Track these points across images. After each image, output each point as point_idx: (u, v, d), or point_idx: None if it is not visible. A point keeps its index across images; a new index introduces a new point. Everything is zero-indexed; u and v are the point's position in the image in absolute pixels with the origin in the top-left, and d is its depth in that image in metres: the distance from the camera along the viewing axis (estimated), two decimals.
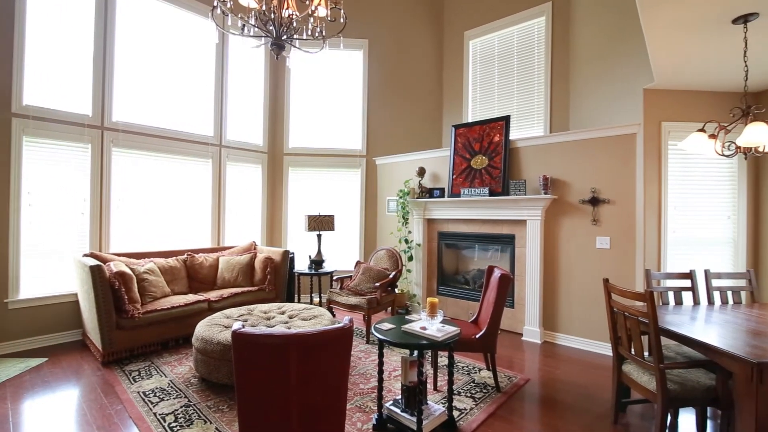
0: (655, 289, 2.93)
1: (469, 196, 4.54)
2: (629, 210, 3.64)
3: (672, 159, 3.67)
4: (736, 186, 3.74)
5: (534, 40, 5.06)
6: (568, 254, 4.00)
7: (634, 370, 2.38)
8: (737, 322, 2.34)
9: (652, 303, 2.11)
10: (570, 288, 3.99)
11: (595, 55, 4.29)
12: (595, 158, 3.85)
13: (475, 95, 5.68)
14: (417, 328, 2.38)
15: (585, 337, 3.89)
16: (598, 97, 4.23)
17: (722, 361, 1.94)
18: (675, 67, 3.20)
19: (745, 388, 1.82)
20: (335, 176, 5.87)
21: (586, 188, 3.88)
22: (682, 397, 2.16)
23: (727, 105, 3.68)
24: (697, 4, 2.30)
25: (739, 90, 3.58)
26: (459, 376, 3.22)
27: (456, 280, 5.08)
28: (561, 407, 2.76)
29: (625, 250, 3.65)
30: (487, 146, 4.62)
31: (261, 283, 4.52)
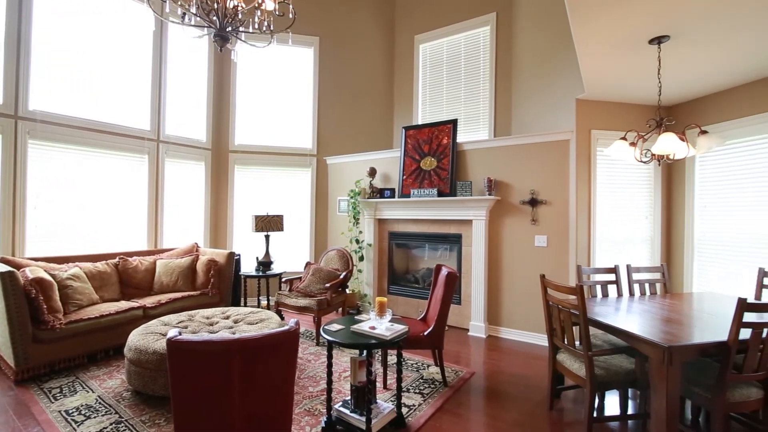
0: (585, 283, 3.19)
1: (419, 196, 4.64)
2: (564, 210, 3.93)
3: (600, 164, 4.01)
4: (652, 189, 4.18)
5: (480, 47, 5.29)
6: (511, 252, 4.24)
7: (567, 359, 2.57)
8: (653, 311, 2.61)
9: (581, 296, 2.29)
10: (512, 284, 4.22)
11: (535, 65, 4.58)
12: (534, 162, 4.10)
13: (425, 98, 5.82)
14: (366, 328, 2.39)
15: (526, 330, 4.14)
16: (538, 104, 4.52)
17: (640, 347, 2.16)
18: (602, 81, 3.51)
19: (658, 370, 2.04)
20: (285, 175, 5.72)
21: (526, 190, 4.13)
22: (607, 380, 2.37)
23: (645, 116, 4.10)
24: (618, 25, 2.54)
25: (655, 103, 4.01)
26: (408, 373, 3.28)
27: (406, 279, 5.16)
28: (503, 397, 2.91)
29: (561, 247, 3.94)
30: (436, 148, 4.75)
31: (204, 287, 4.28)
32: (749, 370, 2.07)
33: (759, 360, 2.06)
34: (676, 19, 2.46)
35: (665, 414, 2.01)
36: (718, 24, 2.49)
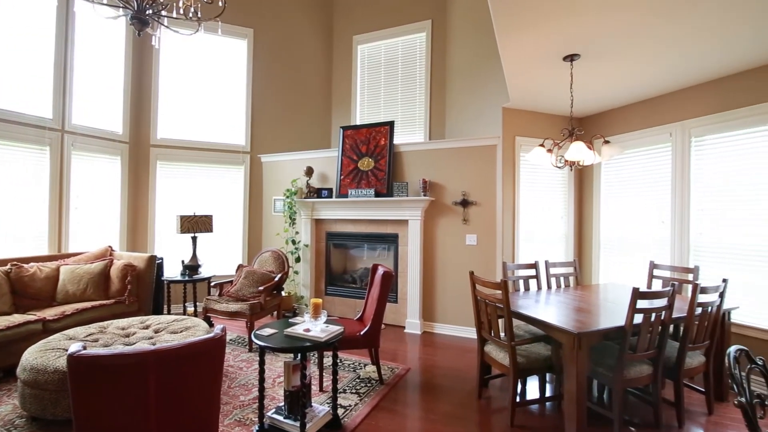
0: (509, 278, 3.43)
1: (357, 196, 4.64)
2: (491, 211, 4.20)
3: (523, 168, 4.34)
4: (567, 192, 4.62)
5: (416, 53, 5.44)
6: (444, 251, 4.42)
7: (494, 350, 2.74)
8: (566, 302, 2.89)
9: (505, 291, 2.46)
10: (445, 281, 4.41)
11: (467, 73, 4.83)
12: (466, 165, 4.33)
13: (363, 98, 5.84)
14: (300, 330, 2.33)
15: (458, 324, 4.34)
16: (469, 110, 4.77)
17: (555, 334, 2.37)
18: (525, 91, 3.80)
19: (569, 355, 2.26)
20: (215, 173, 5.39)
21: (458, 191, 4.34)
22: (528, 367, 2.58)
23: (561, 126, 4.53)
24: (537, 42, 2.78)
25: (568, 114, 4.43)
26: (345, 373, 3.27)
27: (344, 279, 5.14)
28: (436, 390, 3.02)
29: (489, 245, 4.20)
30: (374, 149, 4.79)
31: (119, 295, 3.88)
32: (641, 349, 2.37)
33: (649, 341, 2.38)
34: (584, 41, 2.75)
35: (575, 393, 2.23)
36: (617, 49, 2.83)
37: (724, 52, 2.86)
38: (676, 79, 3.41)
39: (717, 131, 3.38)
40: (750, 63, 3.04)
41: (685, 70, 3.22)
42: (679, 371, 2.53)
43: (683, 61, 3.04)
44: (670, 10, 2.33)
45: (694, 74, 3.30)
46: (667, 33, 2.60)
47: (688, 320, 2.47)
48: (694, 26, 2.50)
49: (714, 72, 3.24)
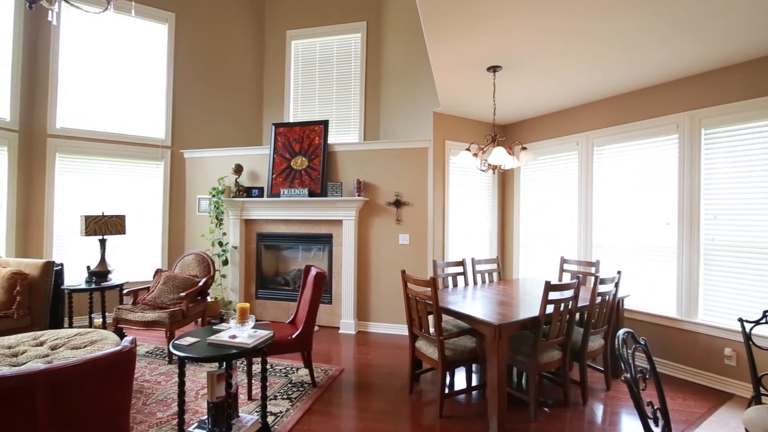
0: (439, 276, 3.58)
1: (289, 196, 4.52)
2: (423, 211, 4.34)
3: (452, 170, 4.56)
4: (491, 193, 4.95)
5: (351, 53, 5.44)
6: (378, 250, 4.48)
7: (424, 345, 2.84)
8: (490, 296, 3.09)
9: (434, 288, 2.56)
10: (379, 281, 4.47)
11: (400, 76, 4.94)
12: (399, 166, 4.43)
13: (296, 95, 5.69)
14: (225, 337, 2.20)
15: (392, 322, 4.43)
16: (403, 112, 4.89)
17: (479, 327, 2.53)
18: (453, 97, 4.00)
19: (491, 345, 2.42)
20: (129, 169, 4.88)
21: (392, 192, 4.43)
22: (455, 360, 2.71)
23: (486, 131, 4.84)
24: (464, 52, 2.94)
25: (491, 121, 4.75)
26: (276, 379, 3.16)
27: (276, 282, 4.97)
28: (370, 389, 3.05)
29: (421, 244, 4.34)
30: (307, 148, 4.70)
31: (6, 308, 3.33)
32: (553, 336, 2.62)
33: (559, 328, 2.64)
34: (505, 55, 2.96)
35: (497, 381, 2.39)
36: (532, 65, 3.10)
37: (619, 74, 3.27)
38: (582, 95, 3.82)
39: (614, 142, 3.86)
40: (639, 84, 3.52)
41: (588, 88, 3.63)
42: (584, 354, 2.84)
43: (587, 80, 3.43)
44: (575, 36, 2.61)
45: (595, 92, 3.73)
46: (572, 55, 2.91)
47: (590, 308, 2.78)
48: (592, 53, 2.83)
49: (611, 90, 3.69)
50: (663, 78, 3.37)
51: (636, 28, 2.54)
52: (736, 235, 3.05)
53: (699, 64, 3.07)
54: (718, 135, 3.16)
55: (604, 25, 2.51)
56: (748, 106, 2.97)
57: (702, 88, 3.24)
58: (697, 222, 3.25)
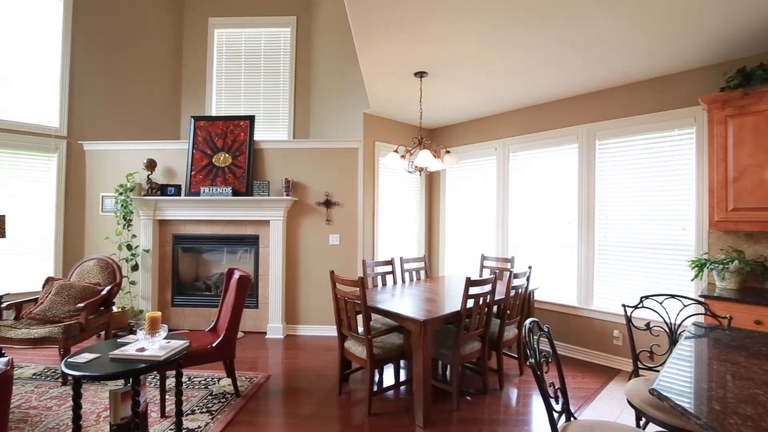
0: (369, 275, 3.62)
1: (211, 195, 4.23)
2: (353, 211, 4.36)
3: (382, 171, 4.64)
4: (419, 194, 5.14)
5: (280, 48, 5.26)
6: (307, 251, 4.39)
7: (353, 345, 2.85)
8: (417, 294, 3.20)
9: (363, 287, 2.58)
10: (309, 282, 4.38)
11: (331, 75, 4.89)
12: (329, 166, 4.39)
13: (220, 88, 5.34)
14: (132, 351, 1.99)
15: (322, 324, 4.37)
16: (333, 112, 4.85)
17: (406, 324, 2.60)
18: (383, 100, 4.07)
19: (417, 341, 2.50)
20: (11, 161, 4.18)
21: (322, 192, 4.37)
22: (384, 357, 2.76)
23: (413, 134, 5.01)
24: (392, 55, 3.01)
25: (418, 124, 4.91)
26: (194, 392, 2.93)
27: (196, 287, 4.62)
28: (298, 393, 2.97)
29: (351, 244, 4.35)
30: (231, 144, 4.44)
31: None
32: (473, 329, 2.80)
33: (478, 321, 2.82)
34: (431, 62, 3.10)
35: (422, 375, 2.49)
36: (455, 74, 3.28)
37: (530, 87, 3.60)
38: (500, 104, 4.14)
39: (527, 149, 4.24)
40: (548, 98, 3.91)
41: (505, 99, 3.94)
42: (500, 343, 3.08)
43: (503, 92, 3.72)
44: (494, 49, 2.81)
45: (511, 102, 4.06)
46: (491, 67, 3.14)
47: (506, 301, 3.02)
48: (507, 67, 3.09)
49: (525, 102, 4.05)
50: (566, 93, 3.79)
51: (542, 51, 2.82)
52: (622, 233, 3.54)
53: (592, 83, 3.50)
54: (608, 146, 3.64)
55: (517, 43, 2.74)
56: (631, 121, 3.47)
57: (596, 104, 3.70)
58: (593, 222, 3.70)
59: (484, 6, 2.32)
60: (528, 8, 2.33)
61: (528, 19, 2.44)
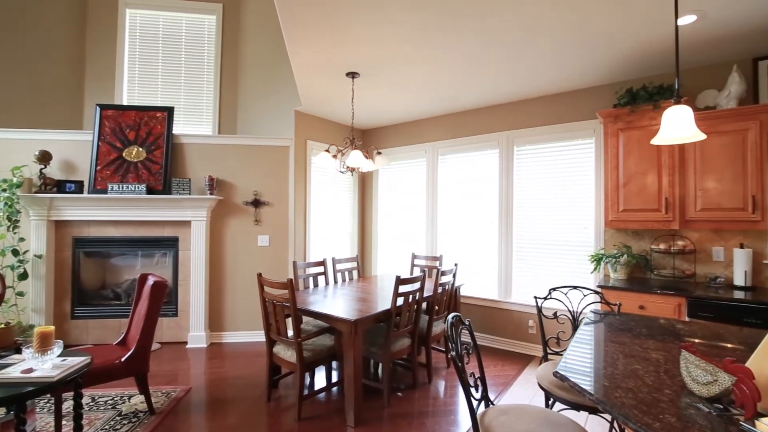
0: (300, 276, 3.53)
1: (121, 192, 3.81)
2: (284, 211, 4.23)
3: (314, 170, 4.57)
4: (352, 194, 5.14)
5: (205, 36, 4.91)
6: (234, 253, 4.16)
7: (282, 349, 2.76)
8: (350, 294, 3.20)
9: (292, 289, 2.52)
10: (236, 286, 4.15)
11: (261, 69, 4.68)
12: (258, 164, 4.20)
13: (133, 75, 4.83)
14: (17, 372, 1.72)
15: (250, 329, 4.17)
16: (264, 107, 4.65)
17: (336, 325, 2.59)
18: (315, 98, 4.01)
19: (348, 341, 2.50)
20: None
21: (250, 191, 4.17)
22: (314, 360, 2.71)
23: (346, 134, 5.00)
24: (322, 54, 2.97)
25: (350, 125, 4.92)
26: (99, 414, 2.62)
27: (103, 296, 4.13)
28: (223, 404, 2.80)
29: (281, 246, 4.21)
30: (146, 137, 4.05)
31: None
32: (403, 326, 2.87)
33: (408, 318, 2.91)
34: (362, 63, 3.12)
35: (353, 374, 2.49)
36: (386, 77, 3.34)
37: (458, 94, 3.80)
38: (429, 109, 4.30)
39: (455, 152, 4.46)
40: (473, 105, 4.15)
41: (434, 104, 4.11)
42: (428, 338, 3.20)
43: (432, 97, 3.87)
44: (421, 57, 2.92)
45: (440, 107, 4.25)
46: (420, 73, 3.25)
47: (434, 297, 3.15)
48: (435, 74, 3.23)
49: (453, 108, 4.26)
50: (489, 102, 4.06)
51: (465, 63, 2.99)
52: (535, 232, 3.89)
53: (512, 94, 3.80)
54: (525, 152, 3.98)
55: (443, 54, 2.88)
56: (544, 130, 3.82)
57: (515, 113, 4.02)
58: (511, 221, 4.02)
59: (409, 9, 2.39)
60: (451, 28, 2.45)
61: (449, 29, 2.58)
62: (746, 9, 2.29)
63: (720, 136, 2.76)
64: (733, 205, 2.71)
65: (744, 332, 1.86)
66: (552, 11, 2.34)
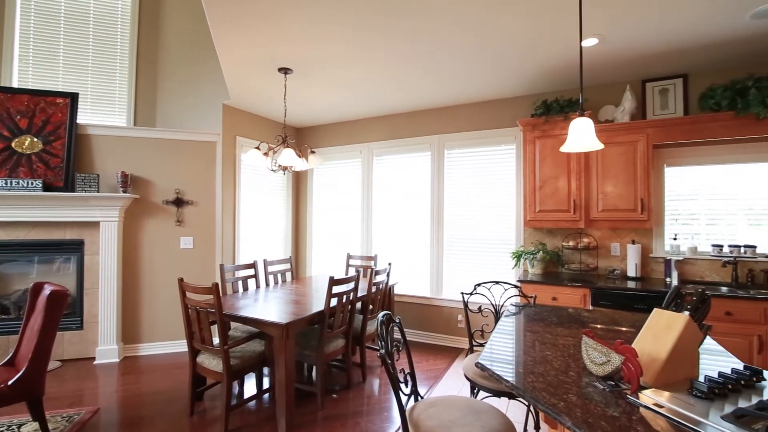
0: (228, 280, 3.34)
1: (9, 189, 3.29)
2: (210, 211, 3.97)
3: (245, 168, 4.35)
4: (286, 193, 5.00)
5: (117, 16, 4.41)
6: (152, 257, 3.81)
7: (207, 358, 2.59)
8: (283, 297, 3.10)
9: (217, 294, 2.37)
10: (154, 293, 3.81)
11: (185, 57, 4.33)
12: (181, 160, 3.90)
13: (26, 54, 4.19)
14: None
15: (171, 339, 3.85)
16: (188, 99, 4.31)
17: (267, 329, 2.49)
18: (245, 92, 3.82)
19: (279, 346, 2.43)
20: None
21: (171, 189, 3.85)
22: (243, 367, 2.58)
23: (279, 131, 4.84)
24: (252, 47, 2.84)
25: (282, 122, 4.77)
26: None
27: None
28: (138, 423, 2.55)
29: (207, 248, 3.95)
30: (43, 126, 3.54)
31: None
32: (337, 327, 2.86)
33: (342, 318, 2.89)
34: (294, 59, 3.04)
35: (285, 379, 2.42)
36: (319, 74, 3.30)
37: (393, 96, 3.87)
38: (365, 109, 4.33)
39: (389, 153, 4.54)
40: (408, 108, 4.26)
41: (369, 105, 4.15)
42: (363, 338, 3.22)
43: (367, 97, 3.90)
44: (355, 56, 2.93)
45: (375, 108, 4.29)
46: (354, 72, 3.26)
47: (368, 296, 3.18)
48: (370, 75, 3.26)
49: (388, 109, 4.33)
50: (422, 106, 4.20)
51: (398, 65, 3.07)
52: (465, 231, 4.11)
53: (443, 99, 3.97)
54: (454, 155, 4.18)
55: (377, 50, 2.92)
56: (472, 135, 4.05)
57: (446, 118, 4.21)
58: (443, 221, 4.20)
59: (343, 7, 2.39)
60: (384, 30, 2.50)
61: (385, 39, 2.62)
62: (637, 36, 2.64)
63: (616, 146, 3.15)
64: (626, 206, 3.11)
65: (635, 317, 2.15)
66: (463, 35, 2.49)
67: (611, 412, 1.08)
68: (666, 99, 3.24)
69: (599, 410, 1.10)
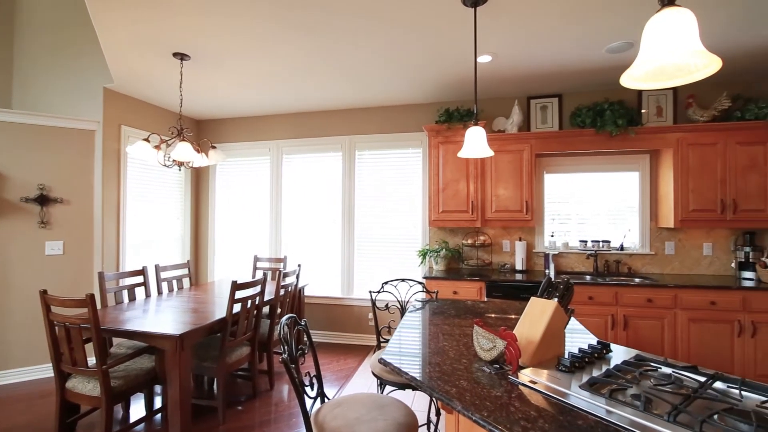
0: (110, 290, 2.92)
1: None
2: (88, 211, 3.43)
3: (132, 163, 3.85)
4: (183, 192, 4.55)
5: None
6: (5, 266, 3.15)
7: (80, 382, 2.23)
8: (179, 305, 2.81)
9: (93, 307, 2.06)
10: (8, 309, 3.15)
11: (55, 29, 3.65)
12: (48, 150, 3.29)
13: None
14: None
15: (32, 364, 3.23)
16: (58, 78, 3.64)
17: (157, 342, 2.24)
18: (132, 76, 3.37)
19: (172, 360, 2.20)
20: None
21: (33, 184, 3.23)
22: (128, 388, 2.28)
23: (172, 123, 4.39)
24: (141, 26, 2.53)
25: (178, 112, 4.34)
26: None
27: None
28: None
29: (83, 254, 3.40)
30: None
31: None
32: (241, 334, 2.69)
33: (247, 325, 2.74)
34: (192, 43, 2.78)
35: (179, 396, 2.20)
36: (221, 62, 3.07)
37: (303, 94, 3.78)
38: (273, 105, 4.15)
39: (300, 152, 4.43)
40: (320, 107, 4.20)
41: (278, 100, 3.99)
42: (270, 344, 3.09)
43: (276, 93, 3.75)
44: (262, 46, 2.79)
45: (284, 105, 4.15)
46: (261, 65, 3.11)
47: (276, 300, 3.06)
48: (280, 70, 3.14)
49: (298, 107, 4.22)
50: (334, 106, 4.18)
51: (306, 61, 3.01)
52: (374, 230, 4.20)
53: (354, 101, 4.01)
54: (365, 156, 4.25)
55: (289, 44, 2.82)
56: (382, 138, 4.16)
57: (357, 119, 4.26)
58: (353, 221, 4.24)
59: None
60: (292, 23, 2.43)
61: (292, 33, 2.55)
62: (522, 58, 2.98)
63: (507, 154, 3.53)
64: (515, 207, 3.50)
65: (521, 305, 2.42)
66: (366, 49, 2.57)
67: (495, 393, 1.21)
68: (546, 114, 3.73)
69: (485, 392, 1.21)
